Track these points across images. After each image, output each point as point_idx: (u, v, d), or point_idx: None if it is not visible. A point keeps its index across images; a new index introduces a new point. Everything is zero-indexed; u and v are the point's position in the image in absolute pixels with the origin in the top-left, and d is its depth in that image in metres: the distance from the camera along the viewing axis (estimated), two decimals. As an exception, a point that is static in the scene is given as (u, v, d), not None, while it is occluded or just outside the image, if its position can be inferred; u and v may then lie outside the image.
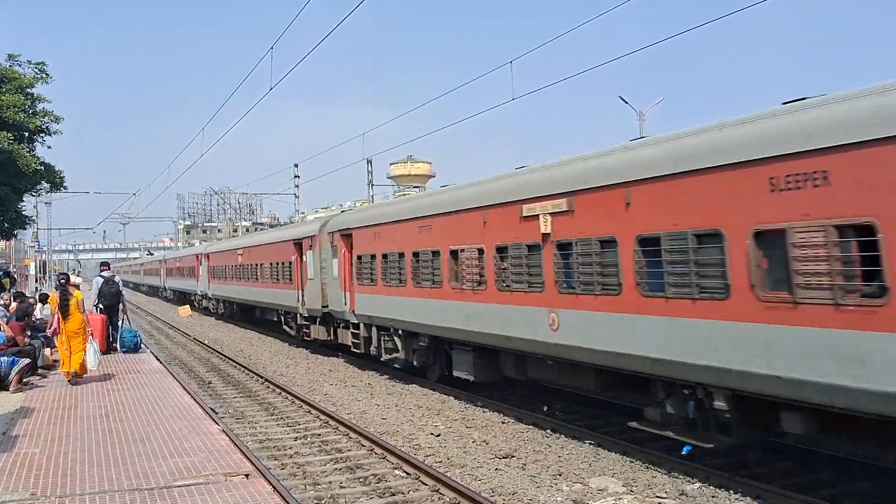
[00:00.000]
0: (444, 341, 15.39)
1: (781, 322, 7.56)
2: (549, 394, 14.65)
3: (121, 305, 20.10)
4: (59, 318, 14.64)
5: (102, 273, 20.49)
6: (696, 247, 8.56)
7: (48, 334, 16.64)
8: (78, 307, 14.75)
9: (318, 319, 22.16)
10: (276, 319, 28.15)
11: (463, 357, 14.57)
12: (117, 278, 20.77)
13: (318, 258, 21.75)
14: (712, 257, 8.36)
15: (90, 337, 14.93)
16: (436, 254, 14.77)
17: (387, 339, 17.55)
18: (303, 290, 23.32)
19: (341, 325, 20.62)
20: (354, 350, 19.71)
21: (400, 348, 16.91)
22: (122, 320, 20.50)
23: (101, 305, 19.58)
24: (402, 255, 16.35)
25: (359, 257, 18.84)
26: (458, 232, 13.91)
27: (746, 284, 7.93)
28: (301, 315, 23.69)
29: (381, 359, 17.98)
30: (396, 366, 17.48)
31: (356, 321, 19.24)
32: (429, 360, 16.36)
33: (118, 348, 19.75)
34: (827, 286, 7.10)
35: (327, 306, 21.19)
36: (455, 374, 14.96)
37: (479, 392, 14.85)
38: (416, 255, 15.68)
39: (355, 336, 19.44)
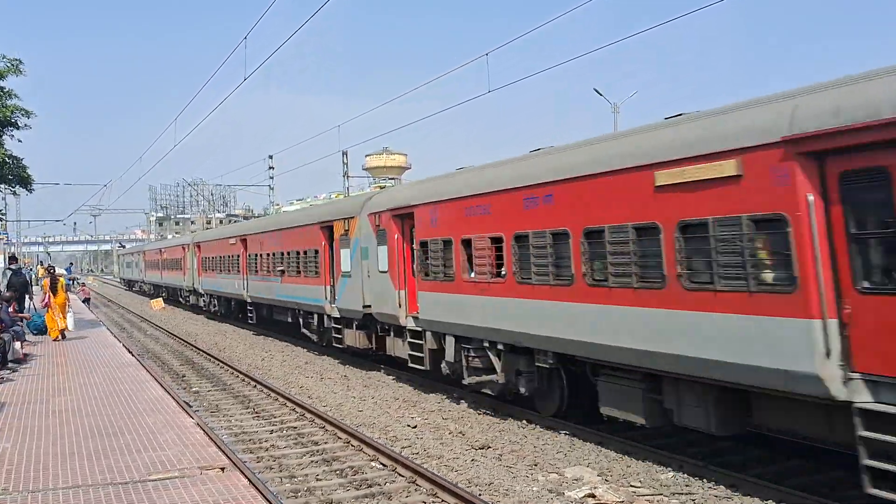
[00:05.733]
0: None
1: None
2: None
3: (28, 294, 23.87)
4: (50, 296, 21.00)
5: (11, 266, 23.88)
6: None
7: (41, 306, 22.26)
8: (62, 288, 21.31)
9: None
10: None
11: None
12: (24, 270, 25.14)
13: None
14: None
15: (70, 309, 22.49)
16: None
17: None
18: None
19: None
20: None
21: None
22: (30, 306, 24.17)
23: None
24: None
25: None
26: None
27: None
28: None
29: None
30: None
31: None
32: None
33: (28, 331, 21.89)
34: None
35: None
36: None
37: (455, 384, 14.85)
38: None
39: None
